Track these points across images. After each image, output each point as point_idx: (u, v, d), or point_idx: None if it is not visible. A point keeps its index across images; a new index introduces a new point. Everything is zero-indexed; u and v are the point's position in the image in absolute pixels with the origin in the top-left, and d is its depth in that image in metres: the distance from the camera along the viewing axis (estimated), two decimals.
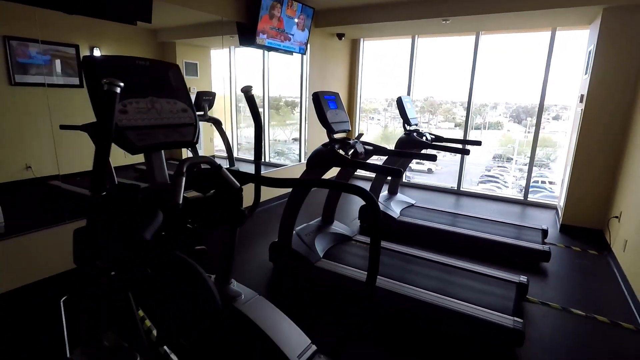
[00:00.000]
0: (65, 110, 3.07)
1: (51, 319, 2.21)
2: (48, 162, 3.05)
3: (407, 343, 2.27)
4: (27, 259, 2.64)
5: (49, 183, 3.13)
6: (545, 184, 6.75)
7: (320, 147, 2.81)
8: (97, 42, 3.47)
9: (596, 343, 2.34)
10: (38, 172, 3.13)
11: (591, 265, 3.46)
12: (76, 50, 3.29)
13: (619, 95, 3.87)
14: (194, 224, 1.35)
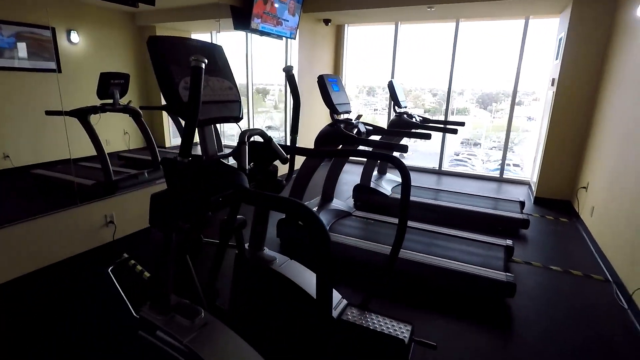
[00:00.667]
0: (42, 96, 3.00)
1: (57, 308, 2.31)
2: (27, 150, 3.04)
3: (417, 299, 2.55)
4: (19, 250, 2.57)
5: (33, 172, 3.10)
6: (510, 166, 7.25)
7: (327, 127, 3.00)
8: (74, 24, 3.38)
9: (573, 292, 2.72)
10: (17, 161, 2.98)
11: (563, 230, 3.88)
12: (52, 33, 3.19)
13: (586, 78, 4.28)
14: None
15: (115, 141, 4.05)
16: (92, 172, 3.24)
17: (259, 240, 2.04)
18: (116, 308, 2.32)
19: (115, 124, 4.01)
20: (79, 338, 2.05)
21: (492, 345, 2.13)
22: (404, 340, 1.71)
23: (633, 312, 2.42)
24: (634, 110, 3.02)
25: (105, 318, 2.22)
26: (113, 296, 2.41)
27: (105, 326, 2.15)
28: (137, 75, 3.81)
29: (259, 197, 1.16)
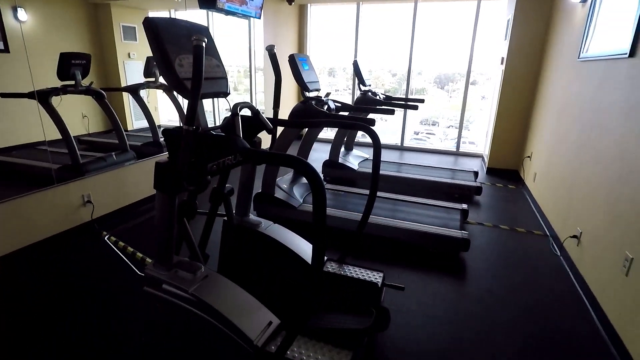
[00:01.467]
0: None
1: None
2: None
3: (387, 256, 2.86)
4: None
5: None
6: (465, 143, 7.76)
7: (300, 104, 3.18)
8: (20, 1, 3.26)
9: (517, 245, 3.14)
10: None
11: (511, 195, 4.35)
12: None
13: (531, 57, 4.71)
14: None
15: (74, 125, 3.99)
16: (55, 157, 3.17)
17: (245, 206, 2.23)
18: (112, 273, 2.45)
19: (73, 107, 3.94)
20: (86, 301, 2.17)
21: (449, 288, 2.49)
22: (378, 284, 2.00)
23: (563, 256, 2.87)
24: (567, 87, 3.44)
25: (107, 281, 2.35)
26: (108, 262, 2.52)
27: (109, 288, 2.28)
28: (94, 56, 3.72)
29: (263, 155, 1.35)
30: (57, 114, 3.19)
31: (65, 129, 3.24)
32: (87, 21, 3.86)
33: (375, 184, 2.04)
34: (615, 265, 2.07)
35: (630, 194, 2.02)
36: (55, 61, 3.21)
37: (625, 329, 1.92)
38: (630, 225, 1.99)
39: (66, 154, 3.25)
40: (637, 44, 2.19)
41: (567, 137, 3.23)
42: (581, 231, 2.62)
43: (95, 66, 3.79)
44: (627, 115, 2.20)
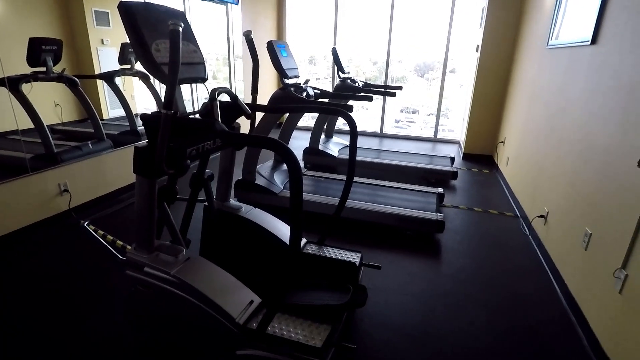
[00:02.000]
0: None
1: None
2: None
3: (365, 239, 2.95)
4: None
5: None
6: (444, 131, 7.93)
7: (279, 91, 3.21)
8: None
9: (489, 226, 3.28)
10: None
11: (485, 179, 4.51)
12: None
13: (505, 44, 4.84)
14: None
15: (47, 114, 3.88)
16: (28, 146, 3.05)
17: (225, 192, 2.26)
18: (91, 259, 2.45)
19: (45, 95, 3.84)
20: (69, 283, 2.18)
21: (425, 267, 2.60)
22: (356, 263, 2.08)
23: (531, 235, 3.03)
24: (538, 73, 3.57)
25: (86, 267, 2.35)
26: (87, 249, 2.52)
27: (89, 275, 2.29)
28: (66, 42, 3.61)
29: (240, 137, 1.39)
30: (29, 102, 3.11)
31: (37, 117, 3.17)
32: (56, 6, 3.74)
33: (352, 168, 2.11)
34: (576, 240, 2.22)
35: (591, 174, 2.16)
36: (25, 47, 3.12)
37: (582, 297, 2.07)
38: (590, 203, 2.12)
39: (40, 143, 3.18)
40: (598, 32, 2.31)
41: (537, 122, 3.37)
42: (548, 211, 2.76)
43: (67, 53, 3.68)
44: (588, 100, 2.32)
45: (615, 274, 1.75)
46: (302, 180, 1.22)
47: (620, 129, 1.89)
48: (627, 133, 1.81)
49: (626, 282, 1.67)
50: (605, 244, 1.89)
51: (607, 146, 2.00)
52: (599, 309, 1.89)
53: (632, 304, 1.62)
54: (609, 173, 1.94)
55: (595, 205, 2.05)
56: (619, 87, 1.96)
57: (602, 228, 1.95)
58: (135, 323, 1.80)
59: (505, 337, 1.98)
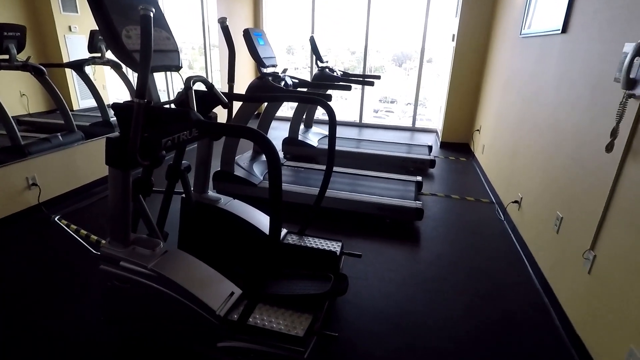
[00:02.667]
0: None
1: None
2: None
3: (346, 228, 2.97)
4: None
5: None
6: (422, 120, 8.03)
7: (256, 80, 3.15)
8: None
9: (466, 213, 3.36)
10: None
11: (462, 167, 4.61)
12: None
13: (479, 33, 4.91)
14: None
15: (12, 104, 3.70)
16: None
17: (203, 183, 2.22)
18: (63, 254, 2.38)
19: (10, 84, 3.66)
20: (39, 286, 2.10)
21: (404, 254, 2.64)
22: (336, 252, 2.09)
23: (506, 220, 3.12)
24: (511, 62, 3.65)
25: (58, 263, 2.28)
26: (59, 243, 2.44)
27: (61, 270, 2.21)
28: (30, 29, 3.42)
29: (217, 127, 1.35)
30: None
31: (1, 107, 3.01)
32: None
33: (332, 157, 2.10)
34: (549, 224, 2.30)
35: (562, 159, 2.23)
36: None
37: (554, 279, 2.16)
38: (561, 188, 2.20)
39: (5, 135, 3.03)
40: (568, 22, 2.36)
41: (511, 110, 3.45)
42: (521, 196, 2.85)
43: (32, 40, 3.51)
44: (558, 88, 2.39)
45: (584, 255, 1.82)
46: (281, 171, 1.21)
47: (588, 115, 1.96)
48: (595, 119, 1.87)
49: (594, 262, 1.74)
50: (575, 227, 1.97)
51: (576, 132, 2.07)
52: (569, 290, 1.97)
53: (601, 283, 1.69)
54: (579, 158, 2.01)
55: (566, 189, 2.12)
56: (587, 75, 2.02)
57: (573, 212, 2.02)
58: (113, 318, 1.76)
59: (483, 320, 2.04)
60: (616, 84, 1.69)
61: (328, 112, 2.04)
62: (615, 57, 1.75)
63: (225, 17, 1.88)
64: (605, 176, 1.71)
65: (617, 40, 1.77)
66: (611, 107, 1.72)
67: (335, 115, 2.04)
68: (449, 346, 1.86)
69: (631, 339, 1.44)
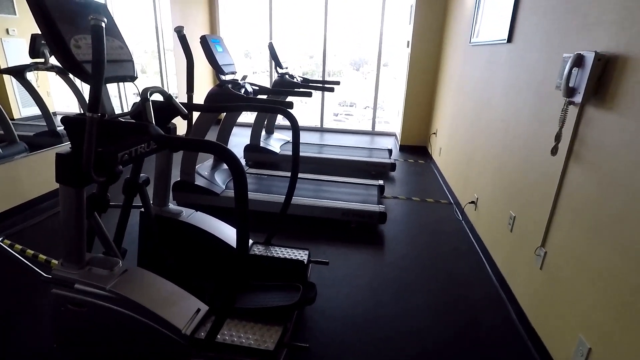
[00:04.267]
0: None
1: None
2: None
3: (311, 234, 2.97)
4: None
5: None
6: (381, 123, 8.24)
7: (216, 88, 3.09)
8: None
9: (427, 214, 3.48)
10: None
11: (421, 170, 4.77)
12: None
13: (432, 40, 5.12)
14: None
15: None
16: None
17: (163, 196, 2.14)
18: (8, 280, 2.19)
19: None
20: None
21: (370, 258, 2.69)
22: (304, 261, 2.09)
23: (464, 220, 3.27)
24: (462, 68, 3.83)
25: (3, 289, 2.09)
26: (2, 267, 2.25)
27: (6, 297, 2.03)
28: None
29: (179, 142, 1.31)
30: None
31: None
32: None
33: (296, 165, 2.10)
34: (503, 223, 2.43)
35: (512, 160, 2.37)
36: None
37: (510, 275, 2.29)
38: (514, 189, 2.34)
39: None
40: (513, 31, 2.53)
41: (464, 115, 3.62)
42: (477, 197, 3.00)
43: None
44: (507, 94, 2.54)
45: (536, 252, 1.95)
46: (246, 184, 1.19)
47: (535, 120, 2.10)
48: (541, 124, 2.01)
49: (545, 258, 1.87)
50: (527, 226, 2.10)
51: (525, 136, 2.21)
52: (523, 285, 2.10)
53: (551, 278, 1.82)
54: (529, 161, 2.15)
55: (519, 190, 2.26)
56: (532, 82, 2.17)
57: (525, 211, 2.16)
58: (67, 346, 1.65)
59: (445, 316, 2.12)
60: (558, 91, 1.83)
61: (290, 120, 2.04)
62: (556, 66, 1.89)
63: (182, 27, 1.83)
64: (552, 178, 1.84)
65: (556, 50, 1.91)
66: (555, 113, 1.86)
67: (298, 123, 2.04)
68: (419, 349, 1.91)
69: (580, 329, 1.55)
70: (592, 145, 1.58)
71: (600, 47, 1.54)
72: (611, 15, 1.50)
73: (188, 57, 1.89)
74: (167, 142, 1.33)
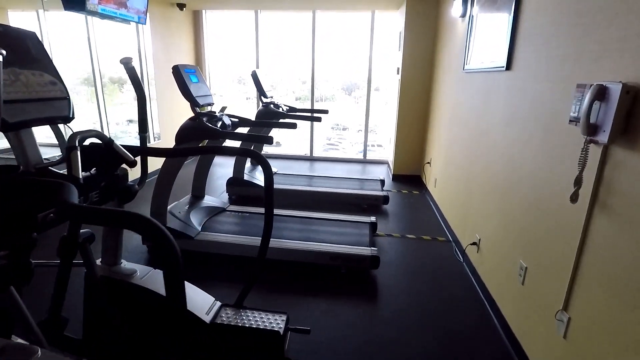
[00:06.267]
0: None
1: None
2: None
3: (293, 285, 2.63)
4: None
5: None
6: (374, 146, 8.05)
7: (188, 122, 2.81)
8: None
9: (424, 254, 3.16)
10: None
11: (416, 202, 4.48)
12: None
13: (423, 67, 4.94)
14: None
15: None
16: None
17: (113, 253, 1.81)
18: None
19: None
20: None
21: (361, 314, 2.35)
22: (279, 332, 1.75)
23: (466, 262, 2.95)
24: (456, 96, 3.61)
25: None
26: None
27: None
28: None
29: (89, 213, 1.00)
30: None
31: None
32: None
33: (270, 214, 1.80)
34: (512, 273, 2.12)
35: (520, 203, 2.08)
36: None
37: (524, 337, 1.95)
38: (522, 234, 2.04)
39: None
40: (512, 58, 2.30)
41: (460, 145, 3.37)
42: (480, 238, 2.69)
43: None
44: (508, 125, 2.29)
45: (557, 316, 1.63)
46: (178, 261, 0.90)
47: (544, 157, 1.83)
48: (553, 163, 1.74)
49: (569, 326, 1.55)
50: (543, 281, 1.79)
51: (534, 176, 1.93)
52: (543, 353, 1.77)
53: (579, 351, 1.49)
54: (539, 204, 1.86)
55: (528, 237, 1.96)
56: (538, 115, 1.91)
57: (539, 264, 1.85)
58: None
59: None
60: (572, 126, 1.57)
61: (263, 165, 1.75)
62: (566, 97, 1.64)
63: (130, 58, 1.56)
64: (573, 229, 1.55)
65: (566, 79, 1.66)
66: (569, 150, 1.59)
67: (272, 170, 1.75)
68: None
69: None
70: (622, 193, 1.30)
71: (627, 76, 1.28)
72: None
73: (139, 92, 1.61)
74: (74, 212, 1.02)
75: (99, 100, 4.84)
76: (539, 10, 1.99)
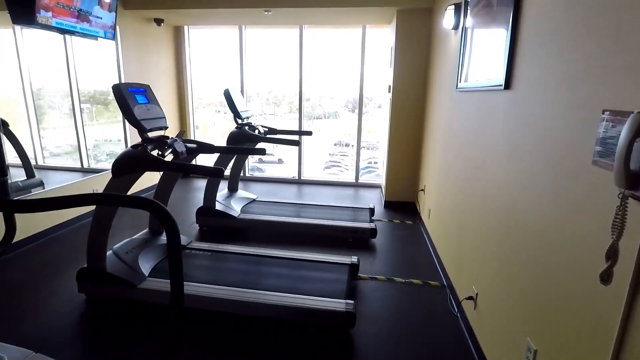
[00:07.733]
0: None
1: None
2: None
3: (252, 346, 2.14)
4: None
5: None
6: (376, 164, 7.65)
7: (129, 149, 2.39)
8: None
9: (414, 305, 2.66)
10: None
11: (408, 234, 3.98)
12: None
13: (415, 85, 4.53)
14: None
15: None
16: None
17: None
18: None
19: None
20: None
21: None
22: None
23: (461, 317, 2.45)
24: (449, 118, 3.17)
25: None
26: None
27: None
28: None
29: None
30: None
31: None
32: None
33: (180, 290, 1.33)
34: (517, 352, 1.62)
35: (526, 259, 1.61)
36: None
37: None
38: (529, 308, 1.55)
39: None
40: (512, 74, 1.86)
41: (454, 174, 2.91)
42: (477, 292, 2.20)
43: None
44: (508, 158, 1.83)
45: None
46: None
47: (554, 206, 1.36)
48: (569, 218, 1.27)
49: None
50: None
51: (542, 231, 1.46)
52: None
53: None
54: (552, 276, 1.38)
55: (538, 312, 1.47)
56: (549, 150, 1.45)
57: (551, 348, 1.36)
58: None
59: None
60: (598, 169, 1.11)
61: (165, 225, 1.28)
62: (585, 127, 1.19)
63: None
64: (604, 317, 1.07)
65: (586, 103, 1.21)
66: (592, 203, 1.13)
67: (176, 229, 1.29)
68: None
69: None
70: None
71: None
72: None
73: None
74: None
75: (82, 118, 4.47)
76: (544, 14, 1.56)
